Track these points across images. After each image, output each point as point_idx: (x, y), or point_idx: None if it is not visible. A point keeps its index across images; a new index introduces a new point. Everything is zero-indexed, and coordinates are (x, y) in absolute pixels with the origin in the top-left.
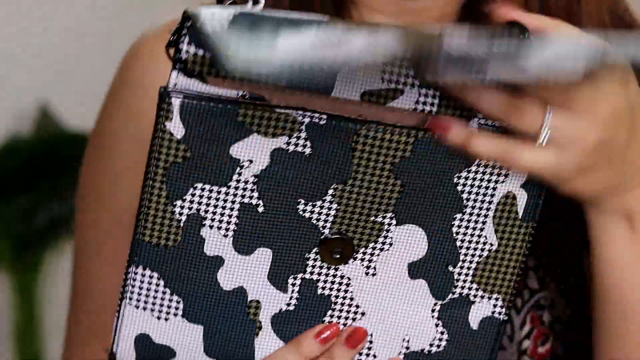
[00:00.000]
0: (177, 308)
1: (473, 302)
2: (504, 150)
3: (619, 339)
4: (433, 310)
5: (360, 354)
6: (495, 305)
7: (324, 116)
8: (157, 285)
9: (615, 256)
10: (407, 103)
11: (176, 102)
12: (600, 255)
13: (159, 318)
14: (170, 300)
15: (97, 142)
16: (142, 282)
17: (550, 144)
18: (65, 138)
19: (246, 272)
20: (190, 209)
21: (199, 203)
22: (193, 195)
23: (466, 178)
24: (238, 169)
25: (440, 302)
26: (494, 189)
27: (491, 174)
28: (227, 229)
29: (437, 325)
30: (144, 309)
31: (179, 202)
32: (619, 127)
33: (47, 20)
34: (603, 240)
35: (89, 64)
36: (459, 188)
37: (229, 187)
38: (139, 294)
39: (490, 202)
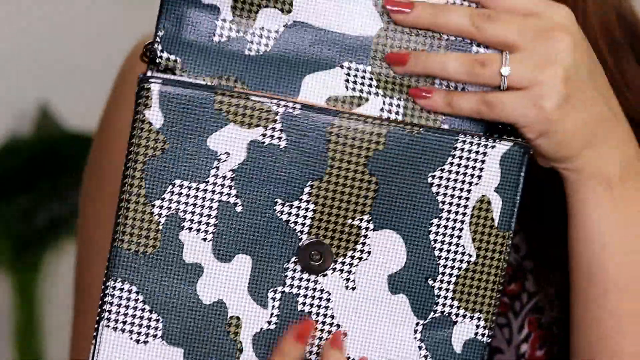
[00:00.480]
0: (156, 328)
1: (455, 323)
2: (485, 101)
3: (597, 311)
4: (415, 331)
5: None
6: (477, 326)
7: (298, 105)
8: (136, 301)
9: (595, 223)
10: (372, 110)
11: (155, 87)
12: (580, 224)
13: (137, 341)
14: (150, 319)
15: (101, 144)
16: (120, 297)
17: (520, 88)
18: (65, 138)
19: (226, 283)
20: (169, 209)
21: (178, 202)
22: (172, 193)
23: (440, 178)
24: (215, 162)
25: (422, 322)
26: (469, 191)
27: (464, 174)
28: (206, 232)
29: (420, 348)
30: (123, 330)
31: (157, 202)
32: (576, 60)
33: (47, 20)
34: (583, 207)
35: (89, 64)
36: (434, 189)
37: (207, 183)
38: (117, 313)
39: (465, 207)
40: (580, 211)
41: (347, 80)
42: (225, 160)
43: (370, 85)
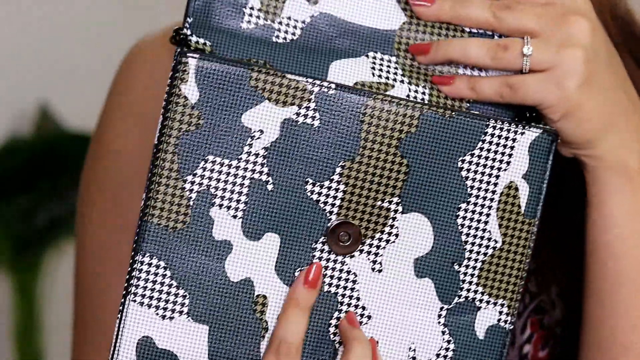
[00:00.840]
0: (182, 304)
1: (479, 308)
2: (508, 84)
3: (611, 303)
4: (439, 316)
5: None
6: (500, 313)
7: (333, 85)
8: (164, 277)
9: (612, 212)
10: (399, 95)
11: (192, 62)
12: (597, 214)
13: (163, 317)
14: (176, 295)
15: (99, 145)
16: (147, 273)
17: (542, 71)
18: (65, 138)
19: (254, 261)
20: (200, 185)
21: (210, 178)
22: (204, 169)
23: (470, 163)
24: (249, 139)
25: (446, 307)
26: (497, 177)
27: (494, 159)
28: (236, 209)
29: (443, 332)
30: (149, 306)
31: (189, 178)
32: (595, 44)
33: (47, 20)
34: (601, 196)
35: (89, 64)
36: (463, 174)
37: (239, 160)
38: (144, 288)
39: (493, 192)
40: (599, 201)
41: (373, 68)
42: (258, 138)
43: (395, 73)
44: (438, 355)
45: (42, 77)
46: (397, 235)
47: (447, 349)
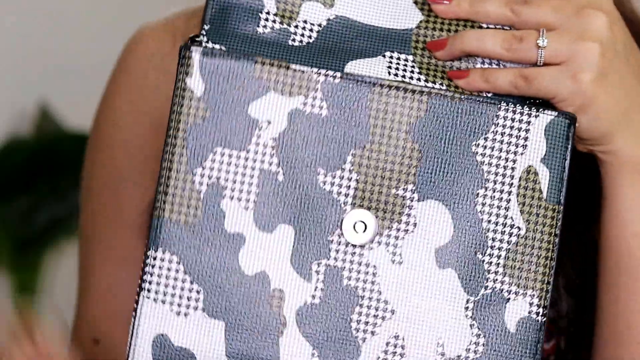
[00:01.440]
0: (197, 300)
1: (508, 300)
2: (523, 75)
3: (626, 299)
4: (466, 309)
5: None
6: (531, 304)
7: (338, 74)
8: (177, 271)
9: (628, 209)
10: None
11: (196, 55)
12: (612, 208)
13: (178, 314)
14: (191, 290)
15: (99, 134)
16: (161, 268)
17: (557, 64)
18: (65, 138)
19: (268, 253)
20: (210, 177)
21: (219, 170)
22: (213, 161)
23: (484, 147)
24: (256, 130)
25: (473, 299)
26: (514, 161)
27: (509, 143)
28: (247, 200)
29: (471, 326)
30: (163, 302)
31: (199, 170)
32: (612, 37)
33: (47, 20)
34: (617, 192)
35: (89, 64)
36: (479, 158)
37: (248, 151)
38: (158, 284)
39: (512, 177)
40: (614, 197)
41: (390, 67)
42: (266, 129)
43: (412, 72)
44: (468, 350)
45: (42, 77)
46: (415, 224)
47: (477, 344)
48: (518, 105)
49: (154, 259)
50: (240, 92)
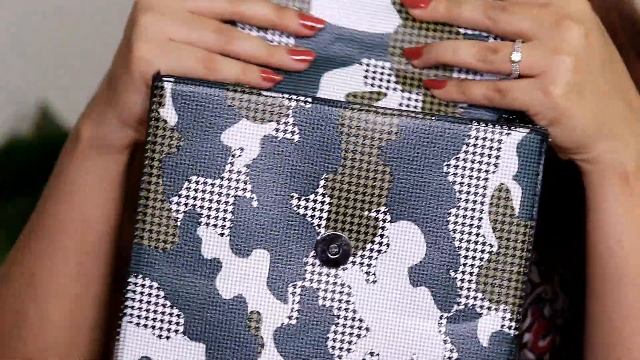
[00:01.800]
0: (177, 324)
1: (480, 315)
2: (497, 88)
3: (613, 306)
4: (440, 324)
5: None
6: (504, 318)
7: (309, 99)
8: (157, 297)
9: (611, 216)
10: (391, 105)
11: (168, 86)
12: (596, 217)
13: (160, 337)
14: (171, 315)
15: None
16: (142, 293)
17: (532, 76)
18: (65, 138)
19: (245, 278)
20: (186, 205)
21: (194, 198)
22: (188, 189)
23: (456, 167)
24: (230, 157)
25: (446, 315)
26: (486, 180)
27: (480, 162)
28: (223, 227)
29: (445, 341)
30: (145, 326)
31: (175, 199)
32: (588, 50)
33: (48, 20)
34: (600, 200)
35: (90, 64)
36: (450, 178)
37: (222, 178)
38: (140, 309)
39: (483, 196)
40: (597, 204)
41: (366, 77)
42: (239, 156)
43: (389, 81)
44: None
45: (42, 77)
46: (388, 244)
47: (450, 358)
48: (490, 124)
49: (135, 284)
50: (213, 120)
